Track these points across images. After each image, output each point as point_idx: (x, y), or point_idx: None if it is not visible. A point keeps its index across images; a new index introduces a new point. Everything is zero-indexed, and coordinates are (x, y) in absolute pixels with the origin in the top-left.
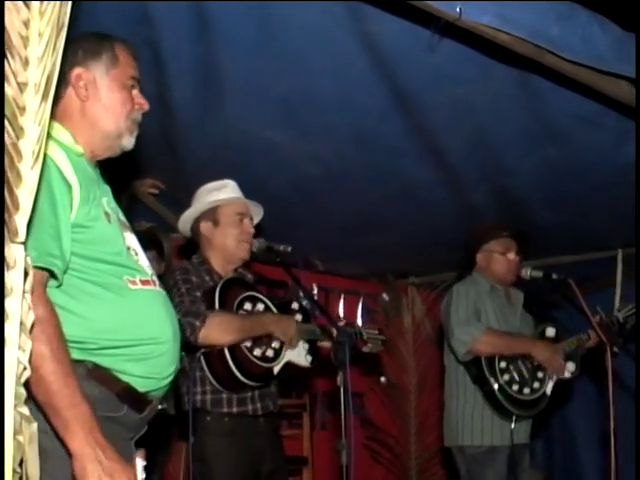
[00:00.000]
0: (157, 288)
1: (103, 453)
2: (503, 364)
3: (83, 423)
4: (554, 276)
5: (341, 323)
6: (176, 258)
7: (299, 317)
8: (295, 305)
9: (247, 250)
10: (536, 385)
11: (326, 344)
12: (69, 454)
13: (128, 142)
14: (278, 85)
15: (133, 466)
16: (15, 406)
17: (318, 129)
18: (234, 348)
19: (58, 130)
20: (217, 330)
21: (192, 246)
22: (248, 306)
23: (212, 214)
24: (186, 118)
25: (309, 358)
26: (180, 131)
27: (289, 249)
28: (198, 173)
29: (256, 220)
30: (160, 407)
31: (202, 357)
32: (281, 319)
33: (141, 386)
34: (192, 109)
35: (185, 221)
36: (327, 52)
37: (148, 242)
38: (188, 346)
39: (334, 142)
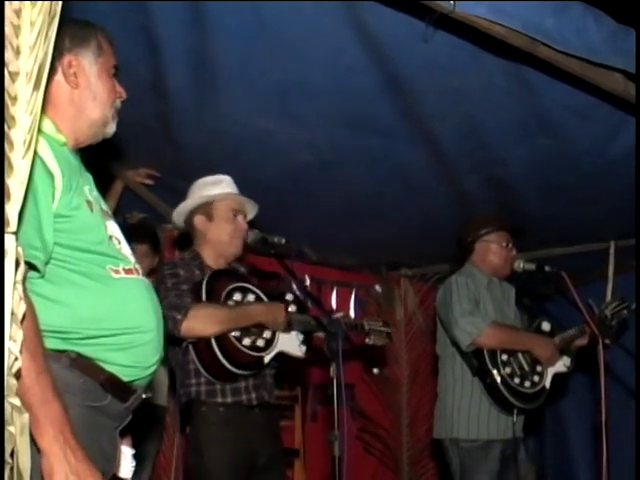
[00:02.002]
0: (140, 277)
1: (72, 453)
2: (505, 357)
3: (53, 421)
4: (547, 268)
5: (337, 315)
6: (170, 250)
7: (293, 308)
8: (289, 296)
9: (239, 246)
10: (536, 378)
11: (321, 334)
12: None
13: (111, 129)
14: (271, 73)
15: (118, 456)
16: (6, 397)
17: (311, 117)
18: (221, 338)
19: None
20: (201, 322)
21: (187, 239)
22: (238, 297)
23: (207, 208)
24: (181, 104)
25: (303, 348)
26: (175, 117)
27: (283, 241)
28: (193, 159)
29: (250, 216)
30: (144, 396)
31: (191, 349)
32: (270, 308)
33: (125, 375)
34: (187, 96)
35: (179, 213)
36: (321, 40)
37: (142, 234)
38: (175, 339)
39: (327, 130)
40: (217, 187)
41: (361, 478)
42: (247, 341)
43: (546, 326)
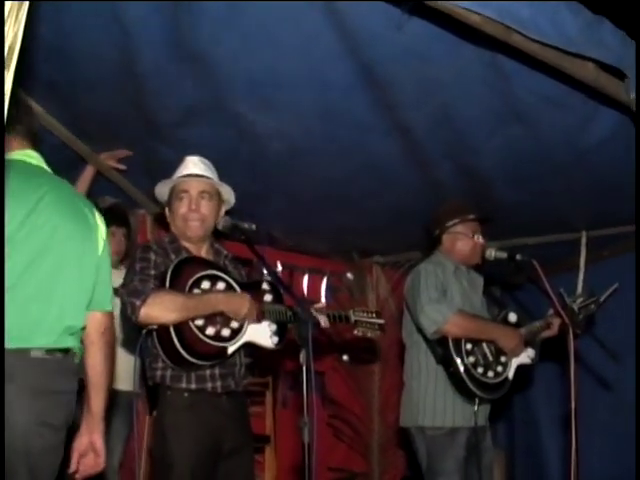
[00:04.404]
0: None
1: None
2: (469, 346)
3: None
4: (518, 257)
5: (319, 305)
6: (143, 235)
7: (269, 297)
8: (265, 285)
9: (195, 227)
10: (499, 369)
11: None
12: None
13: None
14: (245, 60)
15: None
16: None
17: (283, 105)
18: (181, 327)
19: None
20: (158, 309)
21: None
22: (206, 285)
23: (169, 200)
24: (153, 87)
25: (275, 339)
26: (148, 97)
27: (253, 227)
28: (166, 139)
29: (225, 193)
30: None
31: (155, 334)
32: (233, 298)
33: None
34: (159, 79)
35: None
36: (294, 28)
37: (119, 218)
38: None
39: (300, 118)
40: (176, 173)
41: (331, 464)
42: (210, 330)
43: (512, 317)
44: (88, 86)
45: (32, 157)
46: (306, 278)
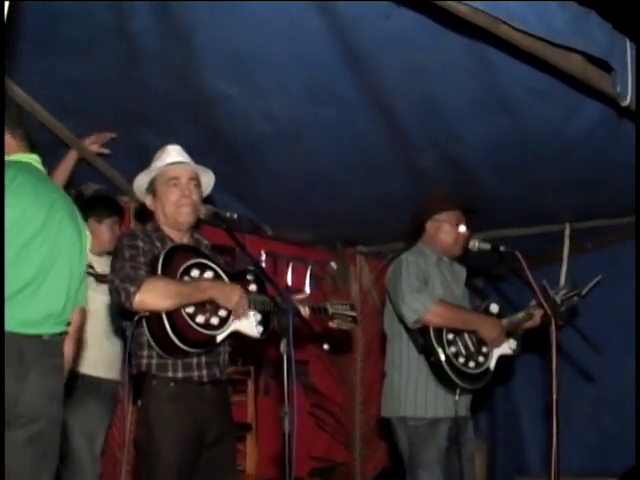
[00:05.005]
0: None
1: None
2: (450, 336)
3: None
4: (502, 248)
5: (299, 297)
6: (127, 222)
7: (254, 287)
8: (250, 276)
9: (188, 214)
10: (481, 359)
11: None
12: None
13: None
14: (232, 40)
15: None
16: None
17: (270, 87)
18: (173, 314)
19: None
20: (153, 296)
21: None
22: (195, 273)
23: (151, 187)
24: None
25: (260, 329)
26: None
27: (235, 216)
28: (150, 124)
29: (205, 181)
30: None
31: (144, 321)
32: (224, 287)
33: None
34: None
35: (140, 196)
36: (282, 10)
37: (112, 206)
38: (128, 311)
39: (285, 101)
40: (158, 161)
41: (314, 453)
42: (200, 319)
43: (494, 308)
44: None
45: (38, 162)
46: (290, 267)
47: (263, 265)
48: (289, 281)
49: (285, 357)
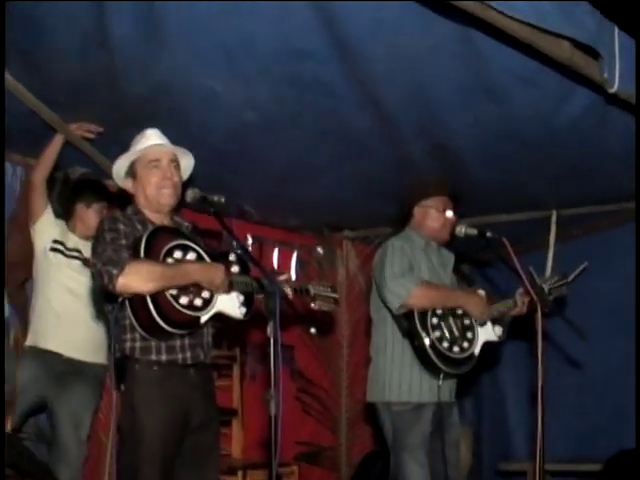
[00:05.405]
0: None
1: None
2: (435, 320)
3: None
4: (488, 234)
5: (282, 278)
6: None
7: (236, 269)
8: (232, 257)
9: (169, 195)
10: (465, 344)
11: (261, 296)
12: None
13: None
14: (217, 28)
15: None
16: None
17: (256, 76)
18: (157, 296)
19: None
20: (136, 278)
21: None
22: (178, 254)
23: (131, 170)
24: (125, 57)
25: (243, 310)
26: (119, 70)
27: (223, 200)
28: (136, 113)
29: (185, 164)
30: None
31: (128, 304)
32: (208, 268)
33: None
34: (131, 49)
35: (118, 181)
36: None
37: (96, 192)
38: (112, 294)
39: (272, 90)
40: (138, 144)
41: (300, 438)
42: (184, 300)
43: (481, 293)
44: (58, 54)
45: None
46: (276, 252)
47: (249, 249)
48: (275, 265)
49: (272, 340)
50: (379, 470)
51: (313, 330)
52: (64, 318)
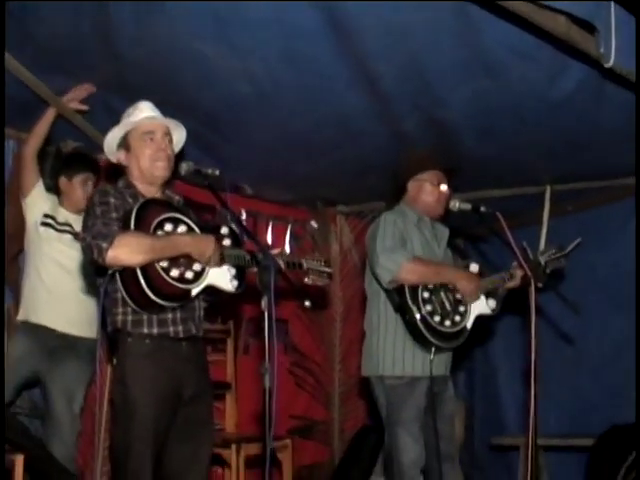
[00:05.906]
0: None
1: None
2: (426, 294)
3: None
4: (482, 209)
5: (275, 252)
6: (105, 180)
7: (228, 242)
8: (225, 230)
9: (163, 168)
10: (457, 318)
11: (255, 269)
12: None
13: None
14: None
15: None
16: None
17: (250, 48)
18: (147, 268)
19: None
20: (126, 251)
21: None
22: (169, 227)
23: (124, 142)
24: (120, 21)
25: (235, 283)
26: (114, 33)
27: (217, 172)
28: (133, 73)
29: (177, 137)
30: None
31: (118, 277)
32: (199, 240)
33: None
34: (126, 14)
35: (109, 153)
36: None
37: (77, 163)
38: (102, 268)
39: (265, 62)
40: (131, 116)
41: (293, 412)
42: (175, 272)
43: (474, 267)
44: (50, 20)
45: None
46: (270, 226)
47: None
48: (269, 240)
49: (266, 314)
50: (372, 444)
51: (308, 303)
52: (55, 293)
